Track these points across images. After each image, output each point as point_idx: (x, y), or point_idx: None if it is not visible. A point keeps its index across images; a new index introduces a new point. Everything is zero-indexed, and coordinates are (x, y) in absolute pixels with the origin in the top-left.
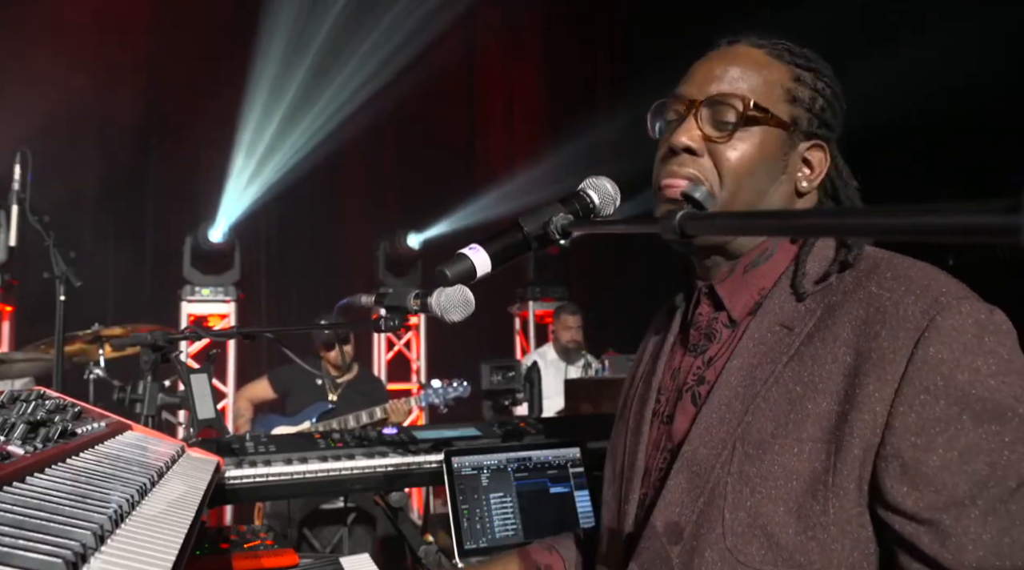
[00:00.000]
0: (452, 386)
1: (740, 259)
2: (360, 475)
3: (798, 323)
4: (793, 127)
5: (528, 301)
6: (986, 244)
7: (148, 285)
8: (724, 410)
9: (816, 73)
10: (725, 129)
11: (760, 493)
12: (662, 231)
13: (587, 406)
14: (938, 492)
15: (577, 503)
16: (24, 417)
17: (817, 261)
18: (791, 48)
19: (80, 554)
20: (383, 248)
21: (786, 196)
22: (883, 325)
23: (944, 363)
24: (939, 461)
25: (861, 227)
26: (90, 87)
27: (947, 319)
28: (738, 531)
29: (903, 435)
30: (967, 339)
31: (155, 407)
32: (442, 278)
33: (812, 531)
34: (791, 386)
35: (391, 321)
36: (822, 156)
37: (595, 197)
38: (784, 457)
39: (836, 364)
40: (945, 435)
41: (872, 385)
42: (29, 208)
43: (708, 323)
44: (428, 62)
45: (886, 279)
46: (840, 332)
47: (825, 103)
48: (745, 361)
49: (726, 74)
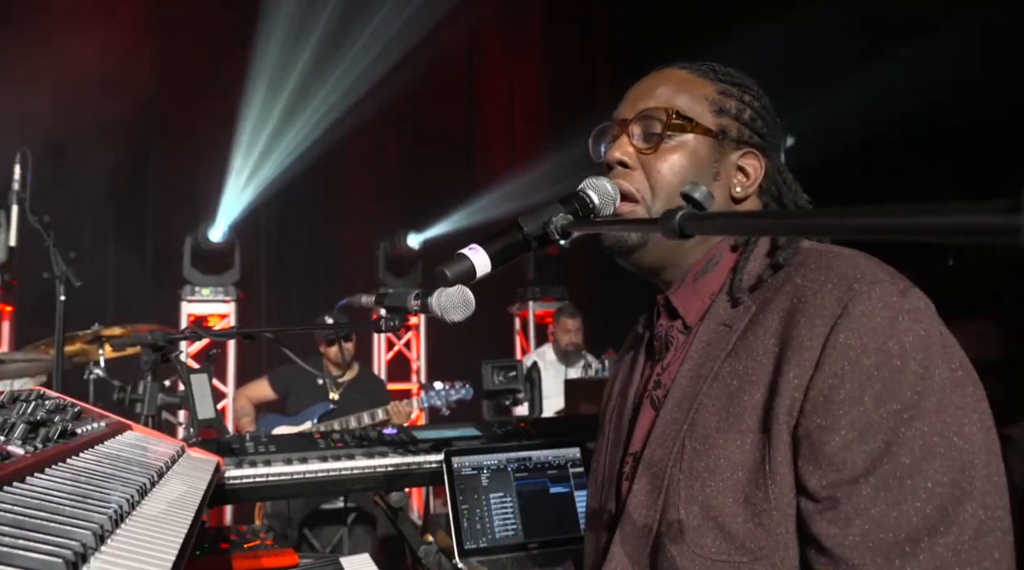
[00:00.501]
0: (454, 388)
1: (689, 269)
2: (360, 475)
3: (736, 320)
4: (721, 136)
5: (528, 301)
6: (986, 244)
7: (148, 285)
8: (675, 410)
9: (741, 87)
10: (653, 141)
11: (710, 486)
12: (662, 231)
13: (587, 406)
14: (839, 470)
15: (577, 503)
16: (24, 417)
17: (757, 262)
18: (716, 67)
19: (80, 554)
20: (383, 248)
21: (720, 202)
22: (803, 314)
23: (852, 348)
24: (840, 441)
25: (860, 227)
26: (90, 87)
27: (858, 305)
28: (693, 525)
29: (811, 417)
30: (876, 323)
31: (155, 407)
32: (442, 278)
33: (759, 518)
34: (729, 380)
35: (391, 321)
36: (756, 164)
37: (595, 197)
38: (728, 450)
39: (766, 355)
40: (848, 417)
41: (792, 372)
42: (29, 208)
43: (666, 332)
44: (428, 62)
45: (810, 270)
46: (770, 324)
47: (753, 114)
48: (693, 363)
49: (653, 92)
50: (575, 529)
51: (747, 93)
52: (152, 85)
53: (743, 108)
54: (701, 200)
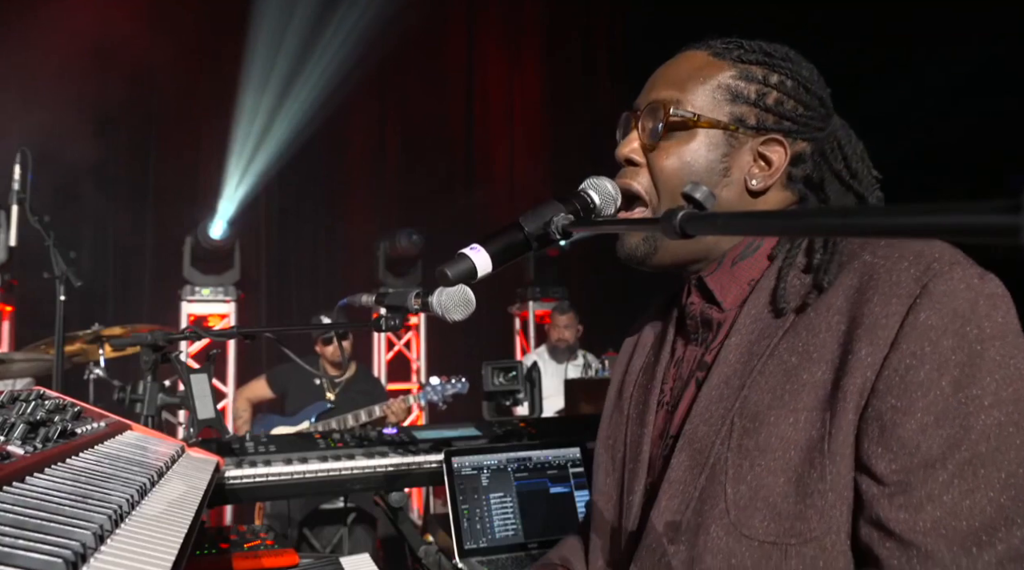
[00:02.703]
0: (451, 383)
1: (726, 254)
2: (360, 475)
3: (793, 298)
4: (735, 125)
5: (528, 301)
6: (986, 244)
7: (148, 285)
8: (723, 387)
9: (768, 67)
10: (656, 136)
11: (760, 465)
12: (663, 230)
13: (587, 406)
14: (911, 455)
15: (577, 503)
16: (24, 417)
17: (795, 270)
18: (742, 44)
19: (80, 554)
20: (383, 248)
21: (733, 198)
22: (876, 291)
23: (933, 329)
24: (916, 425)
25: (861, 227)
26: (90, 87)
27: (939, 285)
28: (741, 505)
29: (884, 398)
30: (958, 304)
31: (155, 407)
32: (443, 278)
33: (811, 498)
34: (786, 357)
35: (391, 320)
36: (781, 151)
37: (595, 197)
38: (780, 427)
39: (831, 333)
40: (925, 400)
41: (864, 350)
42: (29, 208)
43: (701, 311)
44: (428, 62)
45: (880, 247)
46: (834, 301)
47: (781, 95)
48: (743, 339)
49: (666, 80)
50: (575, 529)
51: (777, 72)
52: (152, 85)
53: (766, 91)
54: (702, 200)
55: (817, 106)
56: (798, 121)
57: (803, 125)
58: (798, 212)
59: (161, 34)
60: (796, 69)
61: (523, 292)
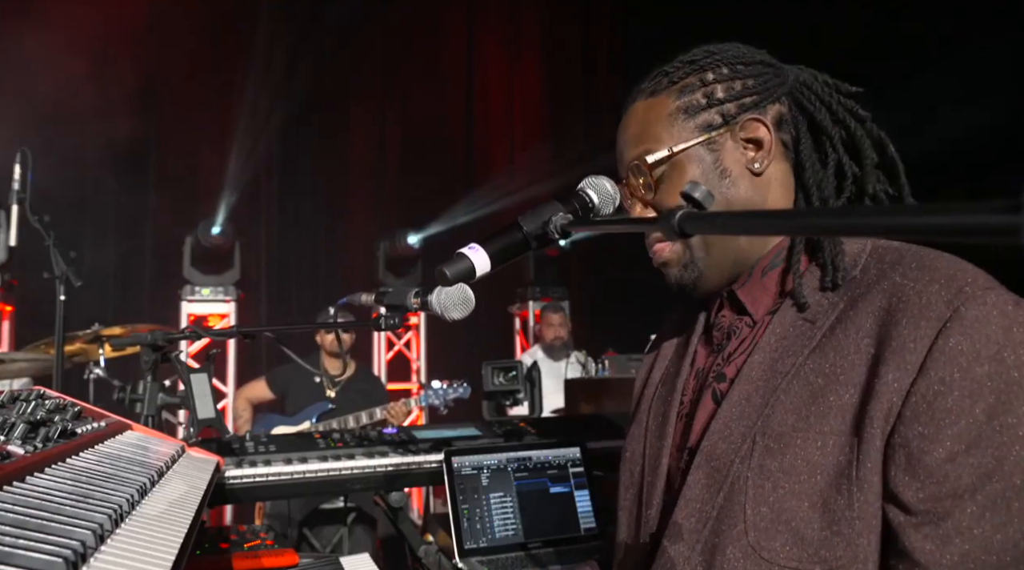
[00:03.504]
0: (452, 387)
1: (757, 263)
2: (360, 475)
3: (820, 316)
4: (706, 133)
5: (528, 301)
6: (986, 244)
7: (148, 285)
8: (744, 404)
9: (699, 70)
10: (651, 188)
11: (783, 488)
12: (662, 230)
13: (587, 406)
14: (939, 484)
15: (577, 503)
16: (24, 417)
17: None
18: (666, 71)
19: (80, 554)
20: (383, 247)
21: (747, 189)
22: (905, 314)
23: (963, 355)
24: (945, 454)
25: (862, 227)
26: (90, 87)
27: (971, 310)
28: (761, 527)
29: (912, 425)
30: (991, 331)
31: (155, 407)
32: (442, 278)
33: (837, 526)
34: (813, 378)
35: (391, 320)
36: (761, 126)
37: (594, 196)
38: (807, 450)
39: (859, 355)
40: (955, 427)
41: (891, 375)
42: (29, 208)
43: (730, 324)
44: (428, 62)
45: (911, 269)
46: (863, 323)
47: (726, 83)
48: (766, 356)
49: (627, 142)
50: (575, 529)
51: (707, 70)
52: (152, 85)
53: (711, 90)
54: (701, 199)
55: (761, 69)
56: (754, 91)
57: (760, 91)
58: (798, 212)
59: (162, 34)
60: (721, 57)
61: (523, 292)
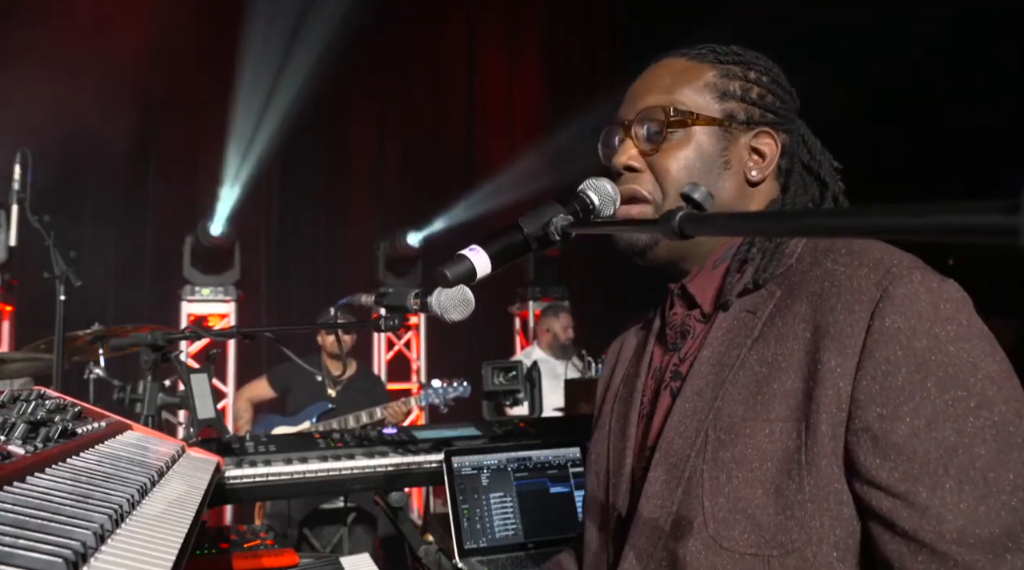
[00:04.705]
0: (452, 386)
1: (708, 257)
2: (360, 475)
3: (760, 306)
4: (728, 121)
5: (528, 301)
6: (986, 244)
7: (148, 285)
8: (696, 399)
9: (745, 65)
10: (656, 140)
11: (737, 477)
12: (662, 233)
13: (587, 406)
14: (910, 460)
15: (577, 503)
16: (24, 417)
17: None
18: (716, 48)
19: (81, 554)
20: (383, 248)
21: (735, 190)
22: (839, 299)
23: (901, 332)
24: (907, 429)
25: (860, 227)
26: (90, 87)
27: (899, 288)
28: (720, 517)
29: (869, 407)
30: (921, 307)
31: (155, 407)
32: (442, 279)
33: (791, 510)
34: (756, 368)
35: (391, 320)
36: (772, 142)
37: (595, 198)
38: (756, 439)
39: (797, 341)
40: (911, 403)
41: (833, 360)
42: (29, 208)
43: (682, 321)
44: (428, 62)
45: (841, 254)
46: (799, 309)
47: (762, 90)
48: (714, 350)
49: (651, 88)
50: (575, 529)
51: (752, 69)
52: (152, 85)
53: (749, 87)
54: (701, 200)
55: (790, 100)
56: (779, 113)
57: (783, 117)
58: (797, 212)
59: (160, 33)
60: (768, 66)
61: (523, 292)
